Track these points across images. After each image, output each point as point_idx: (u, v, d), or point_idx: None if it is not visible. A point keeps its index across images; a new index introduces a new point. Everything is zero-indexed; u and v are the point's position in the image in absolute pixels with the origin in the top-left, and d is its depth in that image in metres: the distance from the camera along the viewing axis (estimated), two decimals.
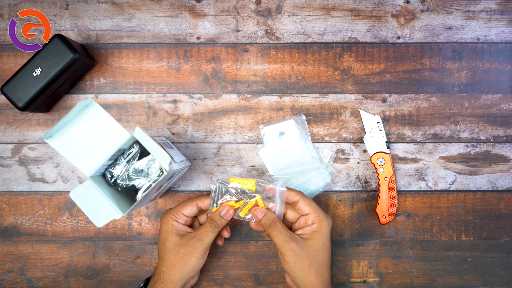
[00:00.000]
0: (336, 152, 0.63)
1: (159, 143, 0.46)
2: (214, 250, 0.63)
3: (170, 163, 0.45)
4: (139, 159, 0.49)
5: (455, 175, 0.63)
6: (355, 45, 0.63)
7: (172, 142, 0.61)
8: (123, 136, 0.44)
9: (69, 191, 0.61)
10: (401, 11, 0.62)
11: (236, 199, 0.52)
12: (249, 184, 0.52)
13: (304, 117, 0.62)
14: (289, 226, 0.56)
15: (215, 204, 0.53)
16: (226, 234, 0.58)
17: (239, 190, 0.53)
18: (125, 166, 0.48)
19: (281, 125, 0.61)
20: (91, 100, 0.43)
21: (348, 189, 0.63)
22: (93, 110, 0.43)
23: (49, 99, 0.59)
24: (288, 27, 0.62)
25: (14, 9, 0.62)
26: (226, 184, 0.52)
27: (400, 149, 0.63)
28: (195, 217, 0.58)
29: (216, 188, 0.53)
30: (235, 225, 0.63)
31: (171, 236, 0.54)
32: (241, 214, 0.53)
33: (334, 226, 0.63)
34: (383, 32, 0.62)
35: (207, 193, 0.57)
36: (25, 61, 0.61)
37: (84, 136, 0.43)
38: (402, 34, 0.63)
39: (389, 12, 0.62)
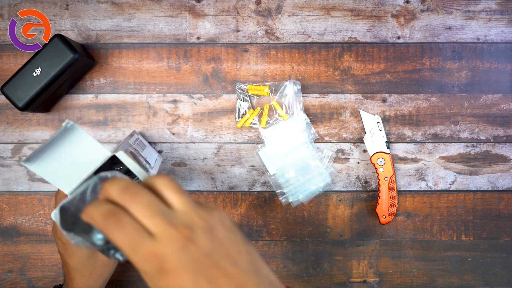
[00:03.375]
0: (336, 152, 0.63)
1: (139, 161, 0.46)
2: None
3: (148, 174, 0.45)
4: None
5: (455, 175, 0.63)
6: (355, 45, 0.63)
7: (142, 136, 0.61)
8: (104, 155, 0.44)
9: None
10: (401, 11, 0.62)
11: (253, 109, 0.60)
12: (265, 90, 0.60)
13: (299, 86, 0.61)
14: None
15: (240, 118, 0.60)
16: None
17: (255, 96, 0.60)
18: None
19: (281, 126, 0.61)
20: (70, 122, 0.43)
21: (348, 189, 0.63)
22: (73, 131, 0.43)
23: (49, 99, 0.59)
24: (288, 27, 0.62)
25: (14, 9, 0.62)
26: (246, 93, 0.58)
27: (400, 149, 0.63)
28: None
29: (239, 103, 0.59)
30: None
31: None
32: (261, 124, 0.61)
33: (334, 226, 0.64)
34: (383, 32, 0.62)
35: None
36: (25, 61, 0.61)
37: (65, 156, 0.43)
38: (402, 34, 0.63)
39: (389, 12, 0.62)
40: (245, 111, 0.61)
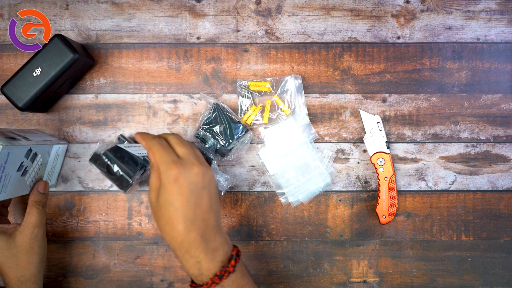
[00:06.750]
0: (336, 152, 0.63)
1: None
2: None
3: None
4: None
5: (455, 175, 0.63)
6: (355, 45, 0.63)
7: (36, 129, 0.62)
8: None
9: (70, 191, 0.61)
10: (401, 11, 0.62)
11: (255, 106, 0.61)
12: (266, 85, 0.61)
13: (300, 80, 0.61)
14: None
15: (243, 114, 0.61)
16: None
17: (256, 92, 0.61)
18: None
19: (281, 126, 0.61)
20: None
21: (348, 189, 0.63)
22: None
23: (49, 99, 0.59)
24: (288, 27, 0.62)
25: (14, 9, 0.62)
26: (247, 89, 0.60)
27: (400, 149, 0.63)
28: None
29: (241, 100, 0.60)
30: (235, 225, 0.63)
31: None
32: (264, 118, 0.61)
33: (334, 226, 0.63)
34: (383, 32, 0.62)
35: None
36: (25, 61, 0.61)
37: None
38: (402, 34, 0.63)
39: (389, 12, 0.62)
40: (247, 108, 0.61)
